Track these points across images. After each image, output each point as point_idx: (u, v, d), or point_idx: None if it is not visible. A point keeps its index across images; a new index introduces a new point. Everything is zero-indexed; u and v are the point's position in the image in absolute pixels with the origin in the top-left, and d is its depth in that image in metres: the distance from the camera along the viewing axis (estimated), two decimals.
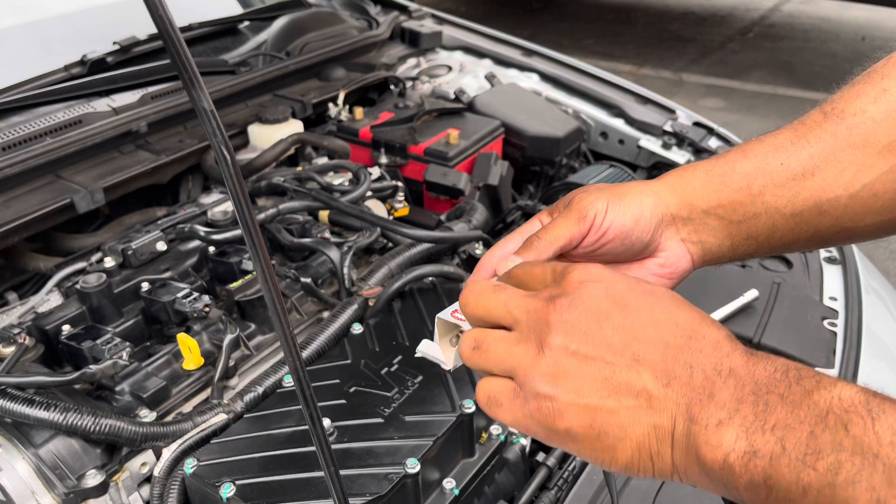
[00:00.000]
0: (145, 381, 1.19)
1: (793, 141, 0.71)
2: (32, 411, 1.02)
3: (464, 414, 1.14)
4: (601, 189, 0.72)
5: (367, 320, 1.36)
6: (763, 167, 0.71)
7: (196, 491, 1.06)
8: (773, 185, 0.70)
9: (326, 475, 0.66)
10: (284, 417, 1.14)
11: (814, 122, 0.72)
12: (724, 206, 0.71)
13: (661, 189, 0.72)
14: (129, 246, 1.37)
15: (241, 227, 0.54)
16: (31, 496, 1.02)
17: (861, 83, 0.72)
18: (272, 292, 0.56)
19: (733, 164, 0.72)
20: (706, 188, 0.71)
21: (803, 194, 0.69)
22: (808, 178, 0.69)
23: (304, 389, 0.62)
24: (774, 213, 0.70)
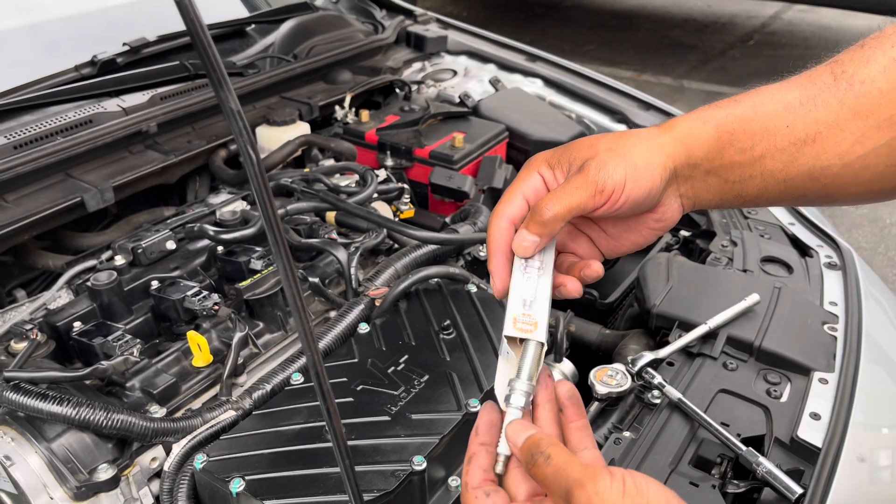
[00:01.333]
0: (155, 377, 1.21)
1: (802, 102, 0.72)
2: (45, 406, 1.03)
3: (469, 413, 1.16)
4: (615, 153, 0.71)
5: (374, 320, 1.38)
6: (770, 128, 0.71)
7: (206, 486, 1.07)
8: (774, 149, 0.71)
9: (342, 468, 0.67)
10: (293, 414, 1.15)
11: (823, 84, 0.72)
12: (725, 167, 0.72)
13: (669, 146, 0.73)
14: (138, 244, 1.39)
15: (264, 222, 0.55)
16: (43, 490, 1.03)
17: (871, 47, 0.72)
18: (293, 287, 0.58)
19: (742, 121, 0.72)
20: (713, 145, 0.72)
21: (800, 160, 0.71)
22: (808, 145, 0.70)
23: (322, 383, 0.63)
24: (769, 177, 0.72)
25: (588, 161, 0.70)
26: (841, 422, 1.20)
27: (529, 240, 0.70)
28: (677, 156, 0.72)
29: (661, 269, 1.61)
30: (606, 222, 0.78)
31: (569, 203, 0.69)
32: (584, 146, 0.73)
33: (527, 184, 0.74)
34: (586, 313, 1.80)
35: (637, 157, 0.71)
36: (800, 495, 1.07)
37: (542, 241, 0.71)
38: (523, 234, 0.70)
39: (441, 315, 1.37)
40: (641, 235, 0.77)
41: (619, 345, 1.58)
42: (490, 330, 1.34)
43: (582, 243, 0.80)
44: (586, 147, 0.73)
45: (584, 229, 0.80)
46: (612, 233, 0.78)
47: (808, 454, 1.16)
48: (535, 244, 0.71)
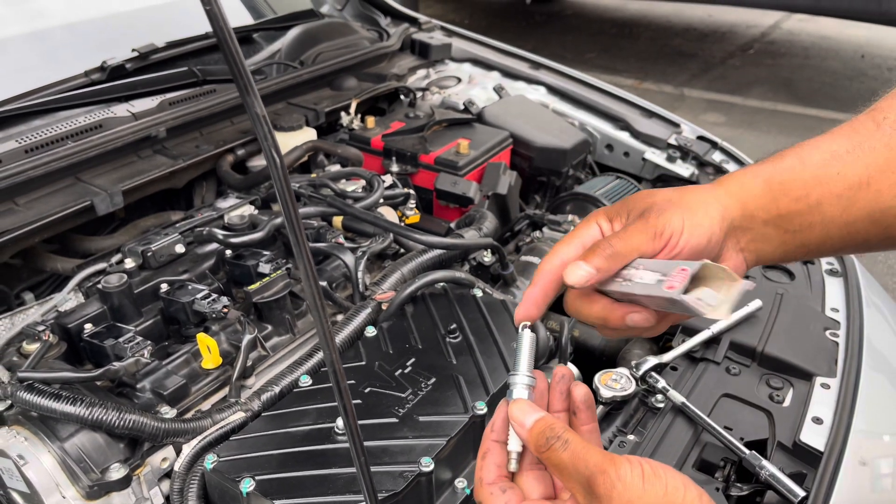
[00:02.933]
0: (165, 379, 1.22)
1: (848, 150, 0.72)
2: (59, 405, 1.05)
3: (476, 415, 1.17)
4: (673, 203, 0.72)
5: (381, 323, 1.39)
6: (821, 176, 0.72)
7: (216, 486, 1.09)
8: (830, 195, 0.71)
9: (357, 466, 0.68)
10: (301, 416, 1.17)
11: (867, 131, 0.73)
12: (783, 217, 0.73)
13: (724, 198, 0.73)
14: (148, 248, 1.40)
15: (286, 223, 0.57)
16: (55, 489, 1.04)
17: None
18: (313, 287, 0.59)
19: (792, 172, 0.73)
20: (765, 197, 0.73)
21: (858, 203, 0.71)
22: (863, 188, 0.71)
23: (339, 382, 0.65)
24: (829, 223, 0.72)
25: (647, 209, 0.72)
26: (843, 426, 1.21)
27: (584, 269, 0.69)
28: (733, 207, 0.73)
29: None
30: None
31: (629, 244, 0.70)
32: (643, 197, 0.75)
33: (585, 231, 0.76)
34: None
35: (695, 207, 0.72)
36: (802, 498, 1.08)
37: (597, 276, 0.70)
38: (579, 264, 0.70)
39: (447, 319, 1.39)
40: None
41: (622, 349, 1.60)
42: (496, 333, 1.35)
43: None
44: (645, 197, 0.74)
45: None
46: None
47: (811, 458, 1.18)
48: (588, 275, 0.69)
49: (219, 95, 1.90)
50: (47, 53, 1.98)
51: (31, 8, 2.10)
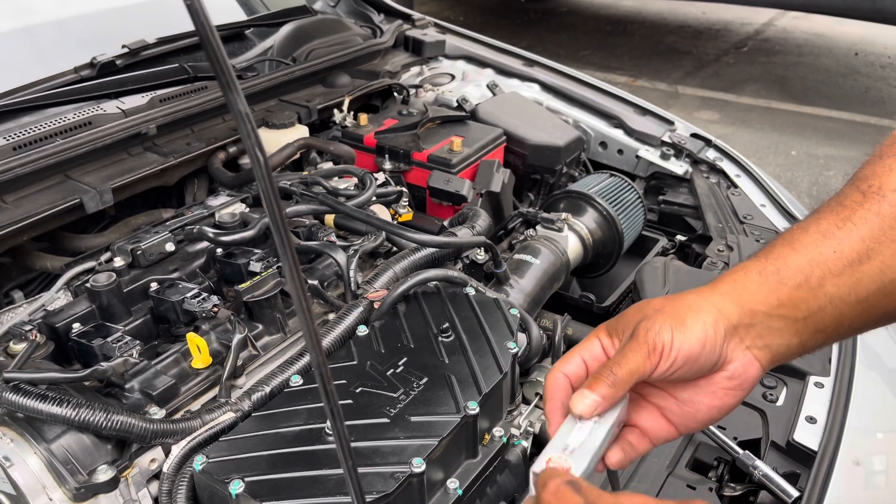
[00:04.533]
0: (154, 378, 1.21)
1: (838, 225, 0.69)
2: (45, 406, 1.03)
3: (468, 415, 1.16)
4: (662, 313, 0.70)
5: (373, 322, 1.38)
6: (816, 258, 0.69)
7: (205, 487, 1.08)
8: (831, 275, 0.68)
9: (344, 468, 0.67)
10: (292, 416, 1.16)
11: (854, 202, 0.70)
12: (786, 305, 0.69)
13: (718, 300, 0.70)
14: (138, 246, 1.39)
15: (270, 222, 0.56)
16: (42, 491, 1.03)
17: (890, 157, 0.71)
18: (298, 286, 0.58)
19: (785, 259, 0.70)
20: (763, 289, 0.70)
21: (865, 280, 0.68)
22: (864, 263, 0.68)
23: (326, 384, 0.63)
24: (839, 302, 0.68)
25: (638, 324, 0.70)
26: (837, 425, 1.21)
27: (590, 398, 0.68)
28: (728, 308, 0.70)
29: (657, 273, 1.63)
30: (674, 388, 0.74)
31: (627, 368, 0.68)
32: (635, 311, 0.73)
33: (586, 347, 0.75)
34: (583, 317, 1.81)
35: (684, 314, 0.69)
36: (796, 498, 1.08)
37: (603, 405, 0.69)
38: (584, 392, 0.69)
39: (439, 318, 1.38)
40: (717, 398, 0.72)
41: None
42: (488, 332, 1.34)
43: (648, 416, 0.76)
44: (636, 311, 0.73)
45: (652, 399, 0.76)
46: (682, 397, 0.74)
47: (804, 457, 1.17)
48: (595, 404, 0.69)
49: (210, 92, 1.89)
50: (36, 49, 1.96)
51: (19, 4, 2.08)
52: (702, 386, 0.72)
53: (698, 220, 2.04)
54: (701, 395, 0.72)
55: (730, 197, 2.01)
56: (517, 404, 1.42)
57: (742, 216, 1.90)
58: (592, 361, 0.75)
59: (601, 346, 0.75)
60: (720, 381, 0.71)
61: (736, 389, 0.71)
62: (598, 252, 1.88)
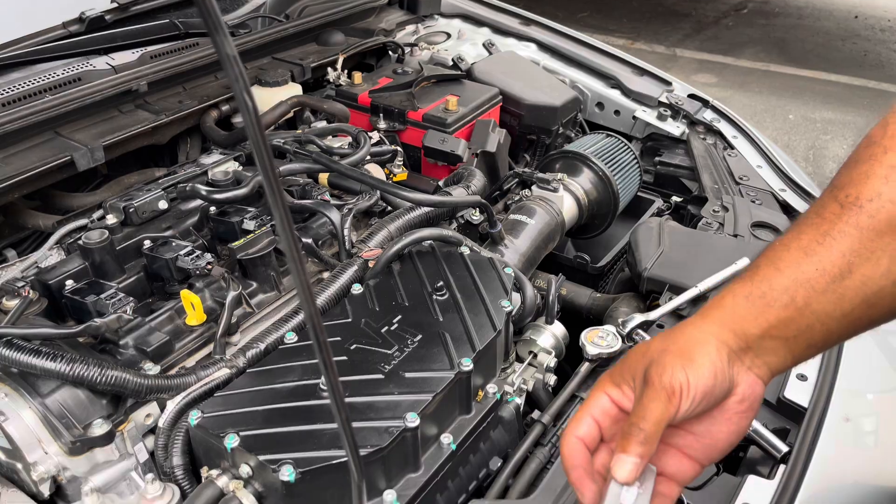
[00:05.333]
0: (149, 335, 1.21)
1: (818, 241, 0.70)
2: (39, 361, 1.03)
3: (462, 372, 1.17)
4: (670, 353, 0.70)
5: (367, 281, 1.38)
6: (800, 277, 0.70)
7: (200, 442, 1.08)
8: (815, 293, 0.69)
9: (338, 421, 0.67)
10: (287, 372, 1.16)
11: (833, 214, 0.70)
12: (776, 326, 0.70)
13: (714, 329, 0.72)
14: (130, 203, 1.38)
15: (259, 170, 0.55)
16: (37, 444, 1.04)
17: (866, 162, 0.71)
18: (289, 234, 0.57)
19: (770, 281, 0.71)
20: (752, 313, 0.71)
21: (848, 294, 0.68)
22: (846, 278, 0.68)
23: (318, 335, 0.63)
24: (826, 318, 0.69)
25: (649, 369, 0.70)
26: (827, 383, 1.22)
27: (629, 461, 0.69)
28: (725, 336, 0.71)
29: (652, 233, 1.62)
30: (690, 424, 0.75)
31: (654, 419, 0.68)
32: (639, 356, 0.73)
33: (595, 405, 0.74)
34: (577, 277, 1.82)
35: (690, 349, 0.70)
36: (785, 453, 1.09)
37: (642, 464, 0.69)
38: (622, 458, 0.69)
39: (434, 277, 1.38)
40: (733, 423, 0.73)
41: (609, 308, 1.60)
42: (483, 291, 1.34)
43: (670, 460, 0.76)
44: (640, 356, 0.73)
45: (671, 441, 0.76)
46: (699, 431, 0.74)
47: (794, 414, 1.18)
48: (636, 466, 0.69)
49: (202, 49, 1.86)
50: (24, 4, 1.92)
51: None
52: (716, 416, 0.73)
53: (694, 181, 2.03)
54: (717, 424, 0.73)
55: (726, 158, 1.99)
56: (511, 362, 1.43)
57: (738, 177, 1.89)
58: (604, 418, 0.75)
59: (610, 400, 0.74)
60: (732, 407, 0.72)
61: (748, 410, 0.72)
62: (593, 213, 1.88)
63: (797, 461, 1.08)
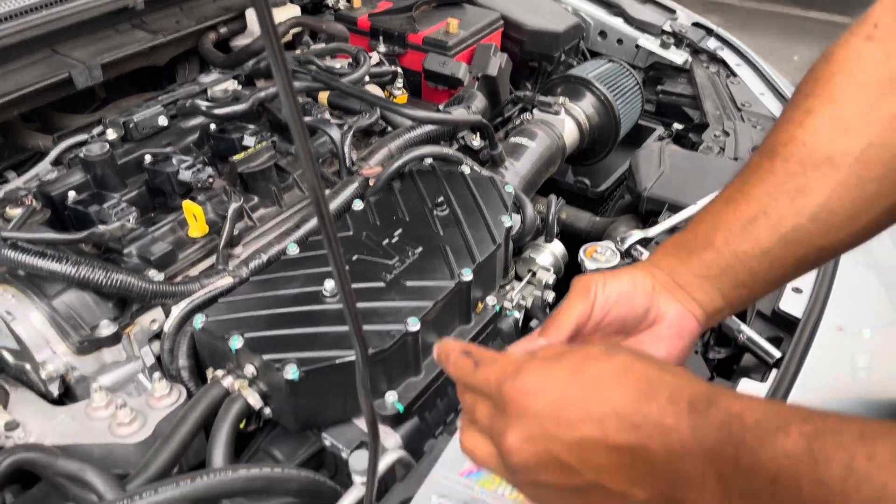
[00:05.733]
0: (152, 245, 1.22)
1: (740, 189, 0.75)
2: (45, 263, 1.04)
3: (462, 282, 1.18)
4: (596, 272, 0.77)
5: (368, 198, 1.38)
6: (718, 222, 0.75)
7: (205, 345, 1.10)
8: (732, 235, 0.73)
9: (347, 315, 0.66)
10: (289, 281, 1.18)
11: (756, 165, 0.75)
12: (699, 267, 0.75)
13: (646, 267, 0.78)
14: (130, 119, 1.37)
15: (274, 70, 0.52)
16: (45, 344, 1.06)
17: (788, 110, 0.75)
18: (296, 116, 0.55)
19: (694, 229, 0.77)
20: (678, 259, 0.77)
21: (765, 233, 0.72)
22: (761, 218, 0.72)
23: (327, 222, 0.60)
24: (745, 257, 0.73)
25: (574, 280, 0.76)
26: (822, 295, 1.24)
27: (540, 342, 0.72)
28: (654, 270, 0.77)
29: (653, 156, 1.62)
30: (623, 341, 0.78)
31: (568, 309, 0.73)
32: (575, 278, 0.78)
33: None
34: (577, 202, 1.82)
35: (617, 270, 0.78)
36: (778, 359, 1.12)
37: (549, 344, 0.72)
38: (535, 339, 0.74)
39: (435, 194, 1.38)
40: (664, 348, 0.75)
41: (608, 229, 1.61)
42: (483, 207, 1.35)
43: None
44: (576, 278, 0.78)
45: None
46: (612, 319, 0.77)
47: (788, 325, 1.20)
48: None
49: None
50: None
51: None
52: (646, 339, 0.77)
53: (696, 109, 2.02)
54: (650, 347, 0.76)
55: (728, 86, 1.98)
56: (510, 280, 1.45)
57: (740, 104, 1.88)
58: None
59: None
60: (662, 331, 0.76)
61: (677, 338, 0.76)
62: (594, 138, 1.87)
63: (790, 365, 1.10)
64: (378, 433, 0.68)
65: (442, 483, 0.88)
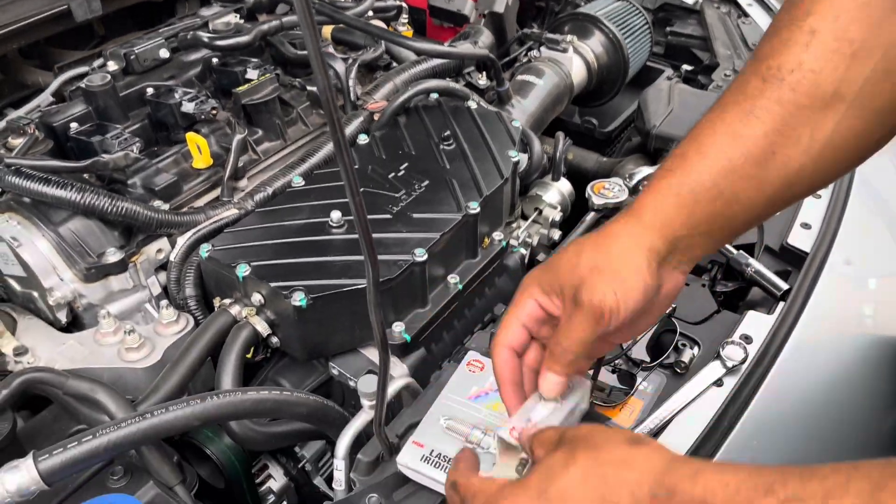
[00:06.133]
0: (156, 176, 1.21)
1: (742, 120, 0.68)
2: (50, 189, 1.03)
3: (469, 214, 1.17)
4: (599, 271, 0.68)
5: (373, 132, 1.37)
6: (727, 166, 0.68)
7: (212, 274, 1.10)
8: (741, 182, 0.68)
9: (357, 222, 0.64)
10: (295, 212, 1.17)
11: (756, 90, 0.68)
12: (704, 222, 0.69)
13: (645, 237, 0.70)
14: (131, 51, 1.35)
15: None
16: (52, 271, 1.06)
17: (787, 27, 0.67)
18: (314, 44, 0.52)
19: (698, 174, 0.69)
20: (681, 214, 0.69)
21: (770, 178, 0.67)
22: (770, 160, 0.67)
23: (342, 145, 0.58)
24: (750, 205, 0.69)
25: (579, 290, 0.68)
26: (831, 230, 1.23)
27: (555, 381, 0.70)
28: (656, 243, 0.69)
29: (662, 94, 1.60)
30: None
31: (580, 339, 0.68)
32: (569, 269, 0.70)
33: (522, 311, 0.73)
34: (585, 143, 1.80)
35: (621, 267, 0.68)
36: (785, 291, 1.11)
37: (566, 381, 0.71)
38: (548, 377, 0.71)
39: (441, 128, 1.37)
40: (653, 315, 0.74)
41: (615, 167, 1.60)
42: (490, 142, 1.34)
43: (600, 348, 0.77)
44: (570, 270, 0.70)
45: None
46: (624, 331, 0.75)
47: (797, 259, 1.19)
48: (560, 384, 0.71)
49: None
50: None
51: None
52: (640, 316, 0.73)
53: (706, 51, 1.98)
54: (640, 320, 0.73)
55: (740, 26, 1.94)
56: (516, 217, 1.44)
57: (751, 44, 1.85)
58: (532, 323, 0.74)
59: (538, 306, 0.73)
60: (656, 304, 0.72)
61: (667, 301, 0.73)
62: (602, 78, 1.84)
63: (797, 297, 1.09)
64: (388, 347, 0.68)
65: (450, 406, 0.89)
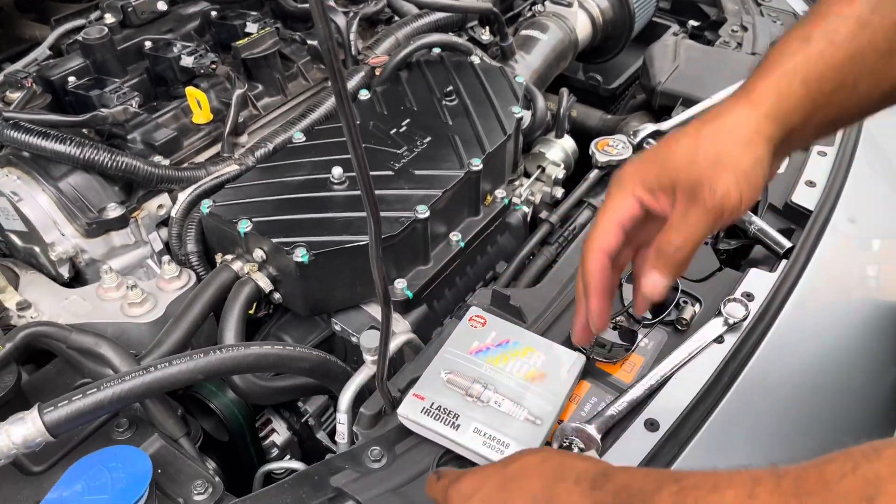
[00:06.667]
0: (156, 131, 1.20)
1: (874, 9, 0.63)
2: (49, 143, 1.03)
3: (471, 171, 1.16)
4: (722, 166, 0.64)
5: (375, 87, 1.35)
6: (854, 54, 0.64)
7: (213, 230, 1.10)
8: (865, 72, 0.64)
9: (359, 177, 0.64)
10: (297, 168, 1.16)
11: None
12: (820, 113, 0.66)
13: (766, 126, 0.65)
14: (128, 2, 1.32)
15: None
16: (53, 226, 1.05)
17: None
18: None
19: (825, 61, 0.64)
20: (805, 102, 0.65)
21: (890, 73, 0.64)
22: (894, 54, 0.63)
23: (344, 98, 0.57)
24: (865, 99, 0.66)
25: (699, 187, 0.64)
26: (835, 188, 1.22)
27: (662, 283, 0.67)
28: (777, 135, 0.66)
29: (668, 50, 1.58)
30: None
31: (695, 238, 0.65)
32: (683, 163, 0.65)
33: (623, 211, 0.69)
34: (589, 100, 1.78)
35: (744, 161, 0.64)
36: (788, 249, 1.11)
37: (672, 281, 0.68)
38: (653, 277, 0.67)
39: (443, 84, 1.35)
40: None
41: (619, 125, 1.58)
42: (493, 98, 1.32)
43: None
44: (686, 165, 0.65)
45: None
46: None
47: (800, 217, 1.19)
48: (665, 288, 0.68)
49: None
50: None
51: None
52: None
53: (713, 6, 1.94)
54: None
55: None
56: (519, 175, 1.43)
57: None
58: (631, 224, 0.69)
59: (639, 204, 0.69)
60: None
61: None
62: (607, 33, 1.81)
63: (799, 256, 1.09)
64: (390, 301, 0.68)
65: (451, 360, 0.89)
